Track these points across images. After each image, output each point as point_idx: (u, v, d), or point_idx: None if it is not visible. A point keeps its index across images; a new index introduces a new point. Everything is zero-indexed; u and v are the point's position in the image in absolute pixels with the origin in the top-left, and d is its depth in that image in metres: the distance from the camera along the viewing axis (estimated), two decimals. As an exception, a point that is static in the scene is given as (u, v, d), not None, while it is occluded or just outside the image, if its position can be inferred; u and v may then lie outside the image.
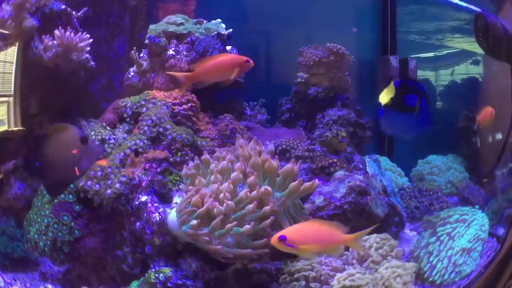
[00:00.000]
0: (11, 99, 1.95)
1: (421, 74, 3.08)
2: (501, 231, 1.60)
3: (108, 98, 2.38)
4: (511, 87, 1.76)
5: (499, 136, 2.62)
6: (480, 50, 2.95)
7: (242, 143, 1.61)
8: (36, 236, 1.76)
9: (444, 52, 3.23)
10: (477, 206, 1.81)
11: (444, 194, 2.59)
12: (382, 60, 2.98)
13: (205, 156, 1.61)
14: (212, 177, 1.50)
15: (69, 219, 1.76)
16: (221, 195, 1.41)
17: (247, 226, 1.36)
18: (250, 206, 1.38)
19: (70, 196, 1.79)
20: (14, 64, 1.94)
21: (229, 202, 1.39)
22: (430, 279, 1.58)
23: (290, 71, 2.75)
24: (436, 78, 3.26)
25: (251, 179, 1.43)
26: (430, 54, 3.25)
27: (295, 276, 1.51)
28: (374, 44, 3.09)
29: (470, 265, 1.53)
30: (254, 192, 1.41)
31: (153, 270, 1.52)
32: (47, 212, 1.78)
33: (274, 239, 1.25)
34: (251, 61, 1.73)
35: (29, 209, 1.86)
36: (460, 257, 1.56)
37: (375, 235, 1.67)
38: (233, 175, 1.47)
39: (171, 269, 1.49)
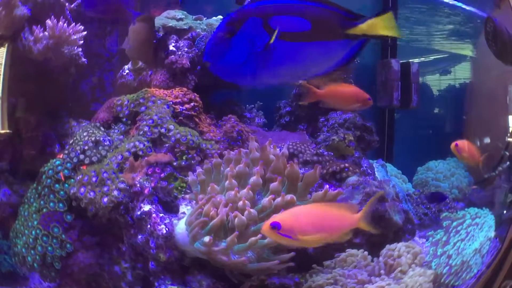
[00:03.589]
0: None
1: (421, 78, 3.03)
2: (503, 231, 1.55)
3: (99, 99, 2.23)
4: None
5: (487, 140, 2.60)
6: (478, 54, 2.95)
7: (257, 146, 1.46)
8: (23, 250, 1.57)
9: (442, 55, 3.20)
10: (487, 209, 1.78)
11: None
12: (383, 63, 2.89)
13: (217, 159, 1.45)
14: (227, 182, 1.33)
15: (60, 231, 1.57)
16: (240, 203, 1.25)
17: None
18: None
19: (61, 205, 1.61)
20: (3, 66, 1.77)
21: (251, 210, 1.23)
22: (447, 281, 1.50)
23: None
24: (434, 82, 3.22)
25: (274, 185, 1.27)
26: (429, 58, 3.21)
27: (318, 292, 1.36)
28: (374, 48, 3.02)
29: (478, 264, 1.48)
30: (279, 199, 1.25)
31: (159, 289, 1.35)
32: (35, 223, 1.59)
33: (265, 227, 1.02)
34: (371, 101, 1.73)
35: (16, 218, 1.67)
36: (472, 258, 1.51)
37: (401, 243, 1.55)
38: (252, 179, 1.31)
39: (179, 288, 1.33)
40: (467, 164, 2.03)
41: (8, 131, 1.77)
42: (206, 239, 1.20)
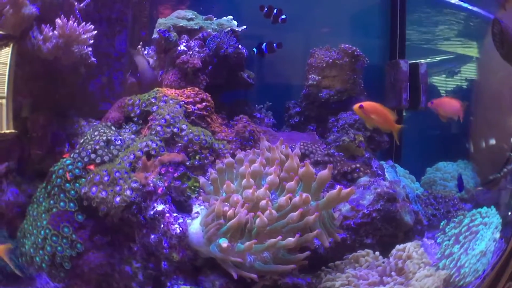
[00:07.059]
0: (3, 101, 1.76)
1: (430, 78, 3.02)
2: (508, 232, 1.56)
3: (108, 98, 2.21)
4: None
5: (493, 141, 2.58)
6: (484, 55, 2.93)
7: (268, 145, 1.44)
8: (32, 250, 1.55)
9: (451, 56, 3.18)
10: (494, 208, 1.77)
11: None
12: (391, 64, 2.88)
13: (229, 159, 1.43)
14: (244, 181, 1.31)
15: (70, 231, 1.55)
16: (263, 203, 1.23)
17: (291, 239, 1.18)
18: (294, 214, 1.20)
19: (71, 205, 1.59)
20: (8, 66, 1.75)
21: (273, 211, 1.21)
22: (455, 282, 1.49)
23: (296, 73, 2.63)
24: (443, 82, 3.20)
25: (291, 184, 1.25)
26: (435, 58, 3.19)
27: (332, 293, 1.34)
28: (383, 49, 3.00)
29: (484, 265, 1.48)
30: (297, 199, 1.23)
31: (172, 289, 1.34)
32: (44, 222, 1.57)
33: None
34: None
35: (23, 218, 1.66)
36: (480, 259, 1.51)
37: (410, 243, 1.53)
38: (269, 178, 1.30)
39: (192, 288, 1.31)
40: (382, 129, 2.04)
41: (13, 131, 1.75)
42: (224, 244, 1.18)
